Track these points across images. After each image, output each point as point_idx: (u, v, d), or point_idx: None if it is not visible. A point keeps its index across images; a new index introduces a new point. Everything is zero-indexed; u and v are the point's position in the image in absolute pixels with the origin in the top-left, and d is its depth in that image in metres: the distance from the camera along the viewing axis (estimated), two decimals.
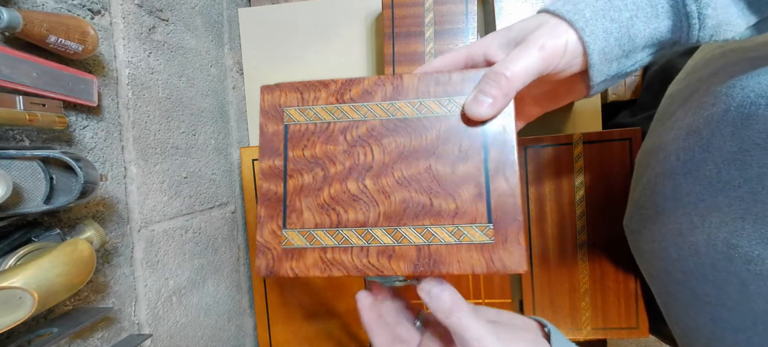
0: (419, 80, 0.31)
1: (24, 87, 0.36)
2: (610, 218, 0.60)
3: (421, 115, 0.30)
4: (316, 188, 0.31)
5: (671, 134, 0.39)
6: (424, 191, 0.30)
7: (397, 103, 0.31)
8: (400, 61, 0.65)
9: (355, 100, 0.31)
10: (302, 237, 0.31)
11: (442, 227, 0.29)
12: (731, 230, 0.32)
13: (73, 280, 0.37)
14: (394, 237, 0.30)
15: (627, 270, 0.61)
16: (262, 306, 0.69)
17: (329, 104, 0.32)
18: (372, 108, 0.31)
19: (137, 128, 0.52)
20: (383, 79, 0.31)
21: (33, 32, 0.36)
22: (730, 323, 0.33)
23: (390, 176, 0.30)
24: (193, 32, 0.65)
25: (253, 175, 0.67)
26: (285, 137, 0.32)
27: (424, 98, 0.30)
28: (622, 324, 0.61)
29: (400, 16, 0.65)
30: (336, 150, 0.31)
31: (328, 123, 0.31)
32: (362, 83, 0.31)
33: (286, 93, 0.32)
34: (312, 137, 0.31)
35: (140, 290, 0.52)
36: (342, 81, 0.32)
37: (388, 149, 0.31)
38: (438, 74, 0.31)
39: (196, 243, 0.63)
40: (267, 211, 0.31)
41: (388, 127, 0.31)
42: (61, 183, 0.38)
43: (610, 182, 0.60)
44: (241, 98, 0.79)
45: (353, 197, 0.30)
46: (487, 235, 0.29)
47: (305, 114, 0.32)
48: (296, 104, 0.32)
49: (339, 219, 0.30)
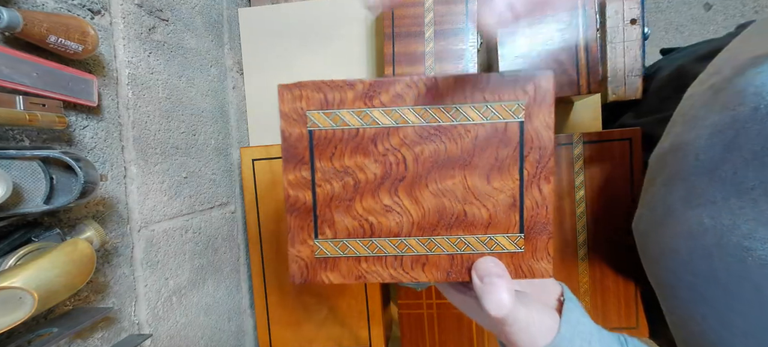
0: (455, 83, 0.29)
1: (24, 87, 0.36)
2: (610, 218, 0.60)
3: (456, 122, 0.29)
4: (348, 199, 0.30)
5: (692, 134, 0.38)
6: (459, 201, 0.29)
7: (431, 109, 0.29)
8: (400, 61, 0.65)
9: (386, 104, 0.29)
10: (335, 247, 0.30)
11: (475, 236, 0.29)
12: (745, 233, 0.31)
13: (73, 280, 0.37)
14: (428, 247, 0.30)
15: (627, 269, 0.61)
16: (262, 306, 0.69)
17: (357, 108, 0.29)
18: (404, 113, 0.29)
19: (137, 128, 0.52)
20: (416, 80, 0.29)
21: (33, 32, 0.36)
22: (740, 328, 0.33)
23: (424, 187, 0.30)
24: (193, 32, 0.65)
25: (253, 175, 0.67)
26: (310, 143, 0.30)
27: (461, 104, 0.29)
28: (622, 324, 0.61)
29: (400, 16, 0.65)
30: (366, 160, 0.30)
31: (356, 129, 0.30)
32: (393, 86, 0.29)
33: (308, 94, 0.30)
34: (340, 145, 0.30)
35: (140, 290, 0.52)
36: (370, 82, 0.29)
37: (421, 157, 0.29)
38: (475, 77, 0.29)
39: (196, 243, 0.63)
40: (297, 222, 0.30)
41: (422, 134, 0.29)
42: (61, 183, 0.38)
43: (610, 182, 0.60)
44: (241, 98, 0.79)
45: (386, 208, 0.30)
46: (518, 244, 0.29)
47: (330, 118, 0.30)
48: (319, 106, 0.30)
49: (372, 229, 0.30)
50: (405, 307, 0.67)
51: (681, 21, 1.51)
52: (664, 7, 1.51)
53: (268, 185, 0.66)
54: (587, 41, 0.61)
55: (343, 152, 0.30)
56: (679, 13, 1.51)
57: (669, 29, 1.51)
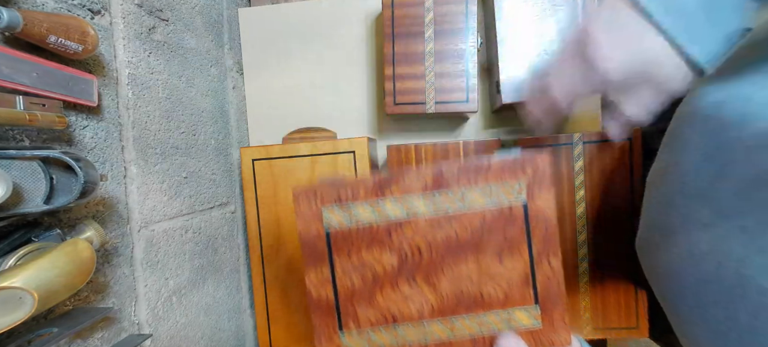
0: (459, 170, 0.30)
1: (24, 87, 0.36)
2: (610, 219, 0.60)
3: (464, 207, 0.30)
4: (368, 291, 0.31)
5: (683, 157, 0.38)
6: (474, 283, 0.31)
7: (439, 196, 0.31)
8: (400, 61, 0.65)
9: (396, 194, 0.31)
10: (361, 339, 0.32)
11: (494, 313, 0.31)
12: (740, 259, 0.31)
13: (73, 280, 0.37)
14: (450, 329, 0.31)
15: (627, 269, 0.61)
16: (262, 306, 0.69)
17: (369, 202, 0.31)
18: (414, 203, 0.31)
19: (137, 128, 0.52)
20: (422, 171, 0.30)
21: (33, 32, 0.36)
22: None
23: (440, 273, 0.31)
24: (193, 32, 0.65)
25: (253, 175, 0.67)
26: (328, 242, 0.31)
27: (467, 189, 0.30)
28: (622, 324, 0.61)
29: (400, 16, 0.65)
30: (383, 252, 0.31)
31: (370, 224, 0.31)
32: (401, 179, 0.31)
33: (322, 194, 0.31)
34: (356, 241, 0.31)
35: (140, 290, 0.52)
36: (379, 178, 0.31)
37: (434, 244, 0.31)
38: (477, 163, 0.30)
39: (196, 243, 0.63)
40: (321, 319, 0.32)
41: (433, 223, 0.31)
42: (61, 183, 0.38)
43: (610, 182, 0.60)
44: (241, 98, 0.79)
45: (405, 296, 0.31)
46: (535, 318, 0.31)
47: (345, 215, 0.31)
48: (333, 204, 0.31)
49: (394, 317, 0.31)
50: None
51: None
52: None
53: (268, 185, 0.67)
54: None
55: (360, 246, 0.31)
56: None
57: None
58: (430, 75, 0.65)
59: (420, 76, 0.65)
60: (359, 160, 0.64)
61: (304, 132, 0.71)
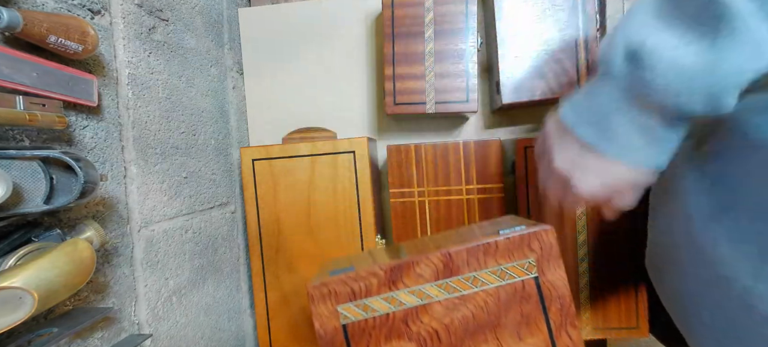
0: (468, 254, 0.31)
1: (24, 87, 0.36)
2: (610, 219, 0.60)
3: (478, 289, 0.31)
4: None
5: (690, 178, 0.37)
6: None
7: (451, 281, 0.31)
8: (400, 61, 0.65)
9: (409, 285, 0.31)
10: None
11: None
12: (745, 288, 0.30)
13: (73, 280, 0.37)
14: None
15: (627, 268, 0.61)
16: (262, 306, 0.69)
17: (383, 294, 0.32)
18: (427, 290, 0.31)
19: (137, 128, 0.52)
20: (431, 258, 0.31)
21: (33, 32, 0.36)
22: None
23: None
24: (193, 32, 0.65)
25: (253, 175, 0.67)
26: (346, 337, 0.32)
27: (477, 272, 0.31)
28: (622, 324, 0.61)
29: (400, 16, 0.65)
30: (401, 341, 0.31)
31: (386, 314, 0.32)
32: (413, 268, 0.31)
33: (336, 290, 0.32)
34: (374, 333, 0.32)
35: (140, 290, 0.52)
36: (390, 267, 0.31)
37: (452, 327, 0.31)
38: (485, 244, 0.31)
39: (196, 243, 0.63)
40: None
41: (448, 306, 0.31)
42: (61, 183, 0.38)
43: None
44: (241, 98, 0.79)
45: None
46: None
47: (361, 309, 0.32)
48: (348, 299, 0.32)
49: None
50: None
51: None
52: None
53: (268, 185, 0.67)
54: (587, 41, 0.61)
55: (379, 338, 0.32)
56: None
57: None
58: (430, 75, 0.65)
59: (420, 77, 0.65)
60: (359, 160, 0.64)
61: (304, 132, 0.71)
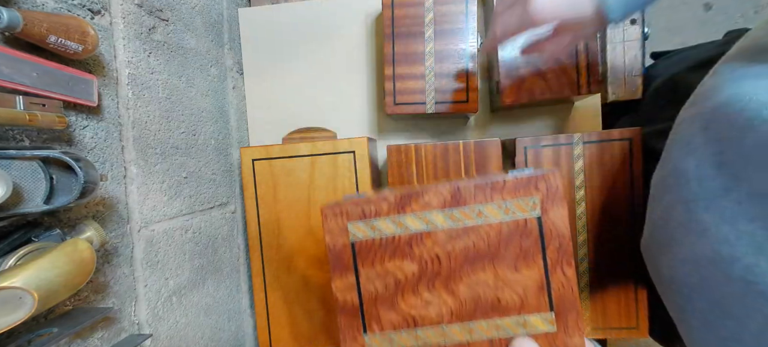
0: (476, 188, 0.32)
1: (24, 87, 0.36)
2: (610, 219, 0.60)
3: (481, 221, 0.32)
4: (390, 296, 0.34)
5: (688, 162, 0.37)
6: (491, 289, 0.33)
7: (457, 211, 0.33)
8: (400, 61, 0.65)
9: (416, 211, 0.33)
10: (383, 341, 0.34)
11: (511, 318, 0.33)
12: (747, 266, 0.31)
13: (73, 280, 0.37)
14: (468, 333, 0.33)
15: (627, 269, 0.61)
16: (262, 306, 0.69)
17: (391, 217, 0.33)
18: (433, 218, 0.33)
19: (137, 128, 0.52)
20: (440, 188, 0.33)
21: (33, 32, 0.36)
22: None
23: (458, 280, 0.33)
24: (193, 32, 0.65)
25: (253, 175, 0.67)
26: (353, 253, 0.34)
27: (483, 205, 0.32)
28: (622, 324, 0.61)
29: (400, 16, 0.65)
30: (404, 261, 0.33)
31: (393, 236, 0.33)
32: (422, 195, 0.33)
33: (347, 210, 0.34)
34: (379, 251, 0.34)
35: (140, 290, 0.52)
36: (400, 194, 0.33)
37: (453, 254, 0.33)
38: (493, 179, 0.32)
39: (196, 243, 0.63)
40: (347, 321, 0.34)
41: (452, 235, 0.33)
42: (61, 183, 0.38)
43: (610, 182, 0.60)
44: (241, 98, 0.79)
45: (426, 301, 0.33)
46: (550, 323, 0.32)
47: (369, 228, 0.34)
48: (358, 219, 0.34)
49: (415, 321, 0.34)
50: None
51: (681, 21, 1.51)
52: (664, 7, 1.51)
53: (268, 185, 0.66)
54: (587, 41, 0.61)
55: (383, 256, 0.34)
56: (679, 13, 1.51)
57: (669, 29, 1.51)
58: (430, 75, 0.65)
59: (420, 77, 0.65)
60: (359, 160, 0.64)
61: (304, 132, 0.71)
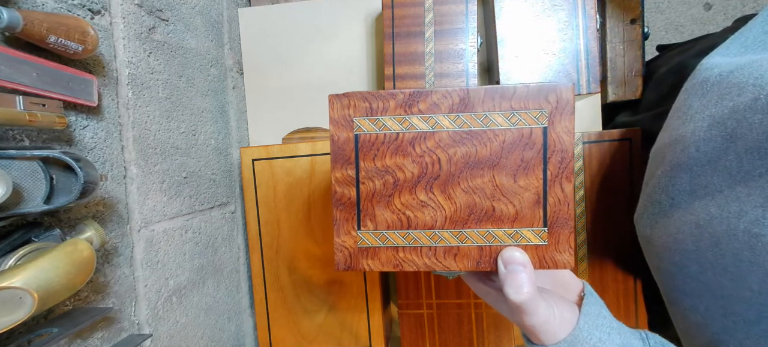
0: (485, 93, 0.32)
1: (24, 87, 0.36)
2: (609, 218, 0.60)
3: (486, 127, 0.32)
4: (387, 194, 0.33)
5: (689, 126, 0.38)
6: (488, 198, 0.32)
7: (463, 115, 0.32)
8: (400, 61, 0.65)
9: (423, 112, 0.33)
10: (376, 238, 0.34)
11: (503, 230, 0.32)
12: (753, 219, 0.31)
13: (73, 280, 0.37)
14: (459, 239, 0.33)
15: (626, 269, 0.61)
16: (262, 306, 0.69)
17: (398, 115, 0.33)
18: (440, 120, 0.32)
19: (137, 128, 0.52)
20: (450, 91, 0.32)
21: (33, 32, 0.36)
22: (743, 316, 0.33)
23: (456, 185, 0.33)
24: (193, 32, 0.65)
25: (253, 175, 0.67)
26: (356, 146, 0.33)
27: (490, 112, 0.32)
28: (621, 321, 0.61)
29: (400, 16, 0.65)
30: (405, 160, 0.33)
31: (397, 134, 0.33)
32: (430, 96, 0.33)
33: (355, 103, 0.33)
34: (382, 147, 0.33)
35: (140, 290, 0.52)
36: (409, 92, 0.33)
37: (454, 158, 0.33)
38: (503, 88, 0.32)
39: (196, 243, 0.63)
40: (342, 215, 0.34)
41: (455, 138, 0.32)
42: (61, 183, 0.38)
43: (609, 182, 0.60)
44: (241, 98, 0.79)
45: (422, 203, 0.33)
46: (542, 238, 0.32)
47: (374, 124, 0.33)
48: (365, 113, 0.33)
49: (409, 222, 0.33)
50: (405, 307, 0.67)
51: (681, 21, 1.51)
52: (664, 7, 1.51)
53: (268, 185, 0.66)
54: (587, 41, 0.61)
55: (385, 153, 0.33)
56: (679, 13, 1.51)
57: (669, 29, 1.51)
58: (430, 75, 0.65)
59: (420, 77, 0.65)
60: None
61: (304, 132, 0.71)
